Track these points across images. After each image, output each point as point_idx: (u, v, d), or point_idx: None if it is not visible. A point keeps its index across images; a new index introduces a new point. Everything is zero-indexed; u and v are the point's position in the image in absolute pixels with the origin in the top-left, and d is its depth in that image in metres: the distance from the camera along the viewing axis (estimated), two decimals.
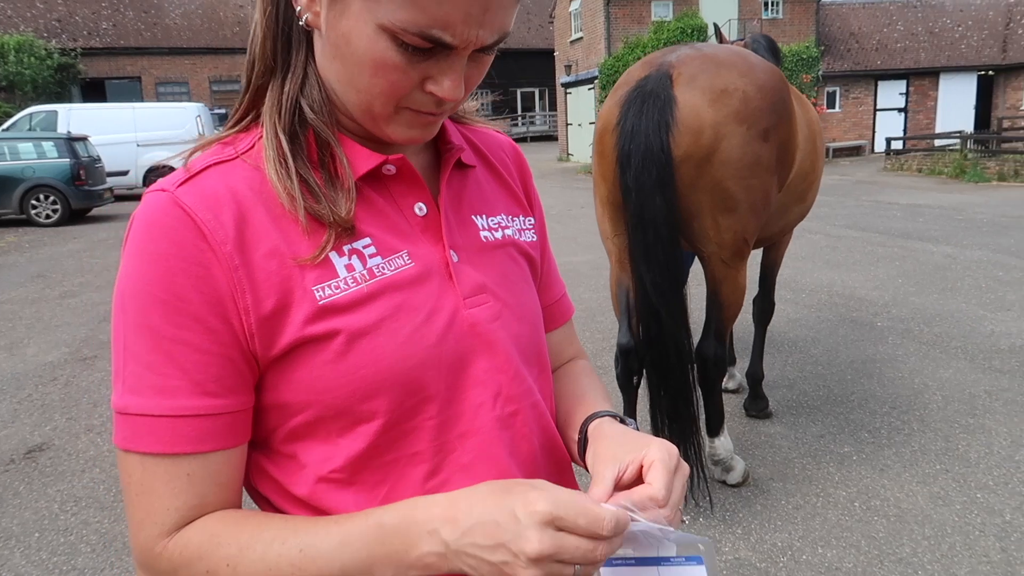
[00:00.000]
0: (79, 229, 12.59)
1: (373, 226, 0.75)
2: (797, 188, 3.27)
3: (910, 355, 4.94)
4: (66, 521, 3.22)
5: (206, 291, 0.68)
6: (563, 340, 1.02)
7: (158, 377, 0.67)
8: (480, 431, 0.77)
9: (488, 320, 0.79)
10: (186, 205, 0.69)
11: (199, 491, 0.69)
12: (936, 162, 18.51)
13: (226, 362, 0.69)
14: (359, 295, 0.72)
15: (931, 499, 3.15)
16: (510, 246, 0.87)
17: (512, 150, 0.97)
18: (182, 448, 0.68)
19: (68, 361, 5.42)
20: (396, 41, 0.65)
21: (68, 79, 25.06)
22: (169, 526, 0.69)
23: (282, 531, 0.67)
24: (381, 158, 0.76)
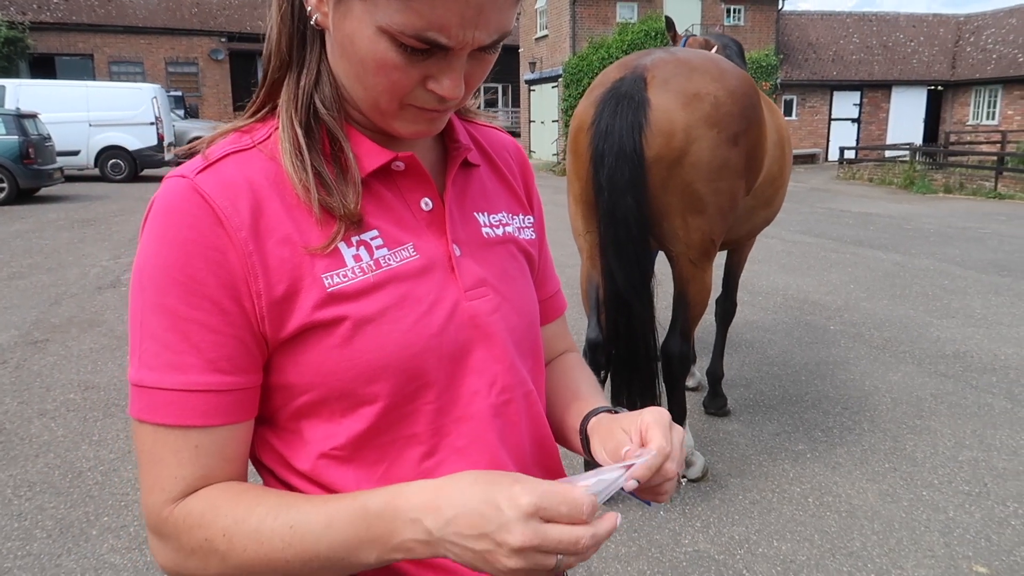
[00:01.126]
0: (27, 209, 12.20)
1: (381, 219, 0.79)
2: (764, 193, 3.36)
3: (861, 358, 5.11)
4: (20, 506, 3.15)
5: (221, 274, 0.71)
6: (556, 334, 1.07)
7: (173, 354, 0.71)
8: (475, 417, 0.81)
9: (487, 312, 0.82)
10: (204, 192, 0.72)
11: (205, 463, 0.73)
12: (887, 172, 19.09)
13: (237, 342, 0.72)
14: (366, 284, 0.75)
15: (880, 496, 3.28)
16: (510, 243, 0.91)
17: (516, 150, 1.00)
18: (191, 421, 0.72)
19: (18, 344, 5.27)
20: (395, 42, 0.68)
21: (16, 53, 24.19)
22: (175, 494, 0.72)
23: (276, 507, 0.70)
24: (391, 155, 0.79)
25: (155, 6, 27.70)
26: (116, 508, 3.14)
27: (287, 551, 0.68)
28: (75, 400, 4.29)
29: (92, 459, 3.57)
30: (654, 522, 3.06)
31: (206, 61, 27.83)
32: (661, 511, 3.14)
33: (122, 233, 9.97)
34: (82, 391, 4.43)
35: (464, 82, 0.73)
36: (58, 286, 6.99)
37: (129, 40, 26.94)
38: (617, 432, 0.81)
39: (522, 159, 1.01)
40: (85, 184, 16.09)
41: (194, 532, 0.71)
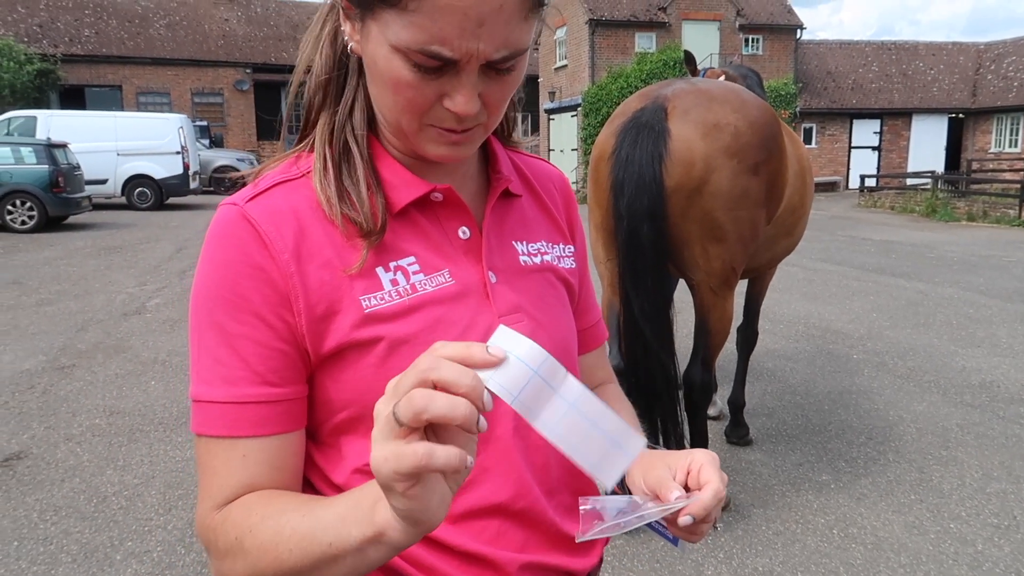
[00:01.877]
0: (56, 236, 12.43)
1: (418, 246, 0.83)
2: (785, 222, 3.37)
3: (885, 388, 5.06)
4: (46, 530, 3.18)
5: (266, 292, 0.76)
6: (595, 364, 1.08)
7: (225, 368, 0.76)
8: (500, 438, 0.83)
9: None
10: (252, 218, 0.78)
11: (252, 471, 0.76)
12: (908, 200, 18.97)
13: (283, 355, 0.77)
14: (401, 307, 0.79)
15: (906, 528, 3.23)
16: (548, 271, 0.92)
17: (560, 182, 1.03)
18: (240, 432, 0.76)
19: (46, 369, 5.36)
20: (407, 60, 0.71)
21: (47, 85, 24.81)
22: (220, 501, 0.76)
23: (292, 502, 0.73)
24: (428, 187, 0.83)
25: (182, 38, 28.34)
26: (140, 533, 3.16)
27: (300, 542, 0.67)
28: (100, 425, 4.34)
29: (117, 484, 3.61)
30: (676, 553, 3.03)
31: (231, 92, 28.36)
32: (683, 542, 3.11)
33: (148, 260, 10.13)
34: (107, 416, 4.48)
35: (483, 101, 0.75)
36: (85, 312, 7.10)
37: (156, 71, 27.54)
38: (660, 466, 0.81)
39: (566, 190, 1.04)
40: (112, 212, 16.38)
41: (229, 533, 0.74)
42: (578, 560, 0.90)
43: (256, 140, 28.48)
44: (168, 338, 6.23)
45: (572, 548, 0.89)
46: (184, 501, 3.44)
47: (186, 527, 3.21)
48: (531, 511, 0.85)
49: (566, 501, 0.91)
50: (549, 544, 0.88)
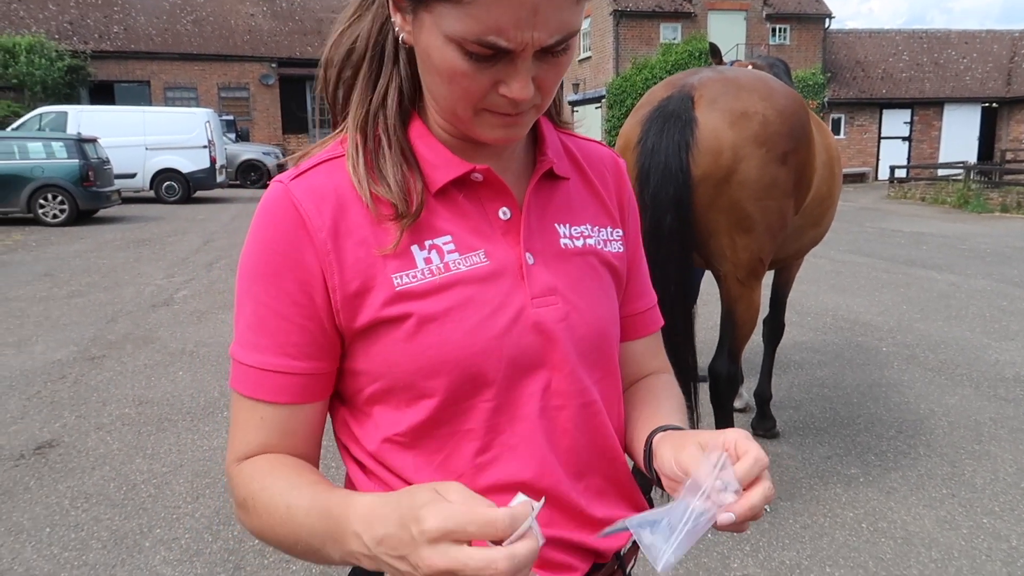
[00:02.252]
0: (86, 230, 12.63)
1: (456, 225, 0.84)
2: (813, 212, 3.32)
3: (916, 380, 4.98)
4: (77, 517, 3.23)
5: (298, 272, 0.80)
6: (646, 351, 1.04)
7: (254, 335, 0.82)
8: (527, 418, 0.84)
9: (553, 320, 0.84)
10: (295, 196, 0.81)
11: (267, 434, 0.83)
12: (939, 191, 18.64)
13: (307, 333, 0.81)
14: (432, 285, 0.80)
15: (938, 523, 3.17)
16: (590, 255, 0.91)
17: (613, 164, 1.01)
18: (260, 395, 0.82)
19: (77, 360, 5.44)
20: (461, 50, 0.71)
21: (78, 81, 25.18)
22: (240, 454, 0.84)
23: (285, 486, 0.78)
24: (468, 167, 0.83)
25: (208, 34, 28.60)
26: (168, 521, 3.20)
27: (283, 527, 0.76)
28: (130, 415, 4.41)
29: (146, 472, 3.66)
30: (702, 545, 3.01)
31: (257, 86, 28.58)
32: (709, 534, 3.08)
33: (175, 253, 10.25)
34: (136, 406, 4.54)
35: (537, 85, 0.76)
36: (114, 304, 7.21)
37: (184, 67, 27.83)
38: (691, 445, 0.77)
39: (618, 172, 1.01)
40: (141, 205, 16.60)
41: (239, 488, 0.82)
42: (605, 539, 0.89)
43: (281, 134, 28.69)
44: (195, 329, 6.30)
45: (596, 528, 0.88)
46: (211, 489, 3.48)
47: (213, 515, 3.25)
48: (554, 491, 0.85)
49: (596, 484, 0.90)
50: (575, 524, 0.87)
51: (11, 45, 22.88)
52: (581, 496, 0.88)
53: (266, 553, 2.96)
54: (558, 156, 0.91)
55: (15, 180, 12.82)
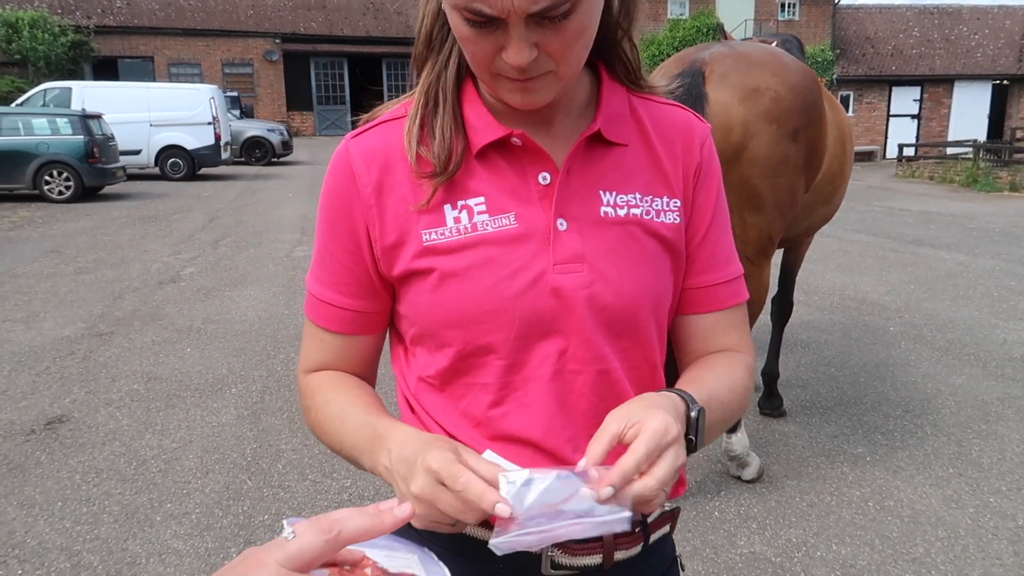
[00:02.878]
0: (92, 206, 12.62)
1: (491, 187, 0.86)
2: (824, 190, 3.29)
3: (923, 360, 4.97)
4: (88, 492, 3.26)
5: (348, 221, 0.89)
6: (714, 327, 0.97)
7: (319, 271, 0.94)
8: (540, 379, 0.87)
9: (574, 287, 0.84)
10: (351, 152, 0.90)
11: (325, 354, 0.96)
12: (948, 170, 18.49)
13: (354, 275, 0.91)
14: (457, 243, 0.85)
15: (944, 501, 3.18)
16: (633, 224, 0.88)
17: (686, 129, 0.95)
18: (319, 322, 0.95)
19: (85, 336, 5.47)
20: (462, 16, 0.74)
21: (81, 56, 25.03)
22: (307, 367, 0.98)
23: (344, 402, 0.91)
24: (505, 131, 0.86)
25: (212, 8, 28.35)
26: (179, 496, 3.23)
27: (336, 435, 0.89)
28: (139, 391, 4.43)
29: (155, 448, 3.68)
30: (709, 522, 3.02)
31: (261, 62, 28.38)
32: (716, 512, 3.10)
33: (181, 230, 10.25)
34: (145, 382, 4.57)
35: (546, 51, 0.76)
36: (121, 281, 7.22)
37: (187, 42, 27.62)
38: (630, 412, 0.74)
39: (691, 138, 0.94)
40: (146, 182, 16.57)
41: (306, 397, 0.96)
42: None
43: (286, 110, 28.54)
44: (203, 306, 6.31)
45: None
46: (220, 465, 3.50)
47: (223, 490, 3.27)
48: (558, 454, 0.87)
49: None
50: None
51: (14, 20, 22.74)
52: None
53: (275, 528, 2.98)
54: (616, 121, 0.89)
55: (20, 156, 12.79)
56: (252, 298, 6.58)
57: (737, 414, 0.94)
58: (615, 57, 0.92)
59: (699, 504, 3.16)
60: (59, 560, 2.77)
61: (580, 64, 0.81)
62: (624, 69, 0.93)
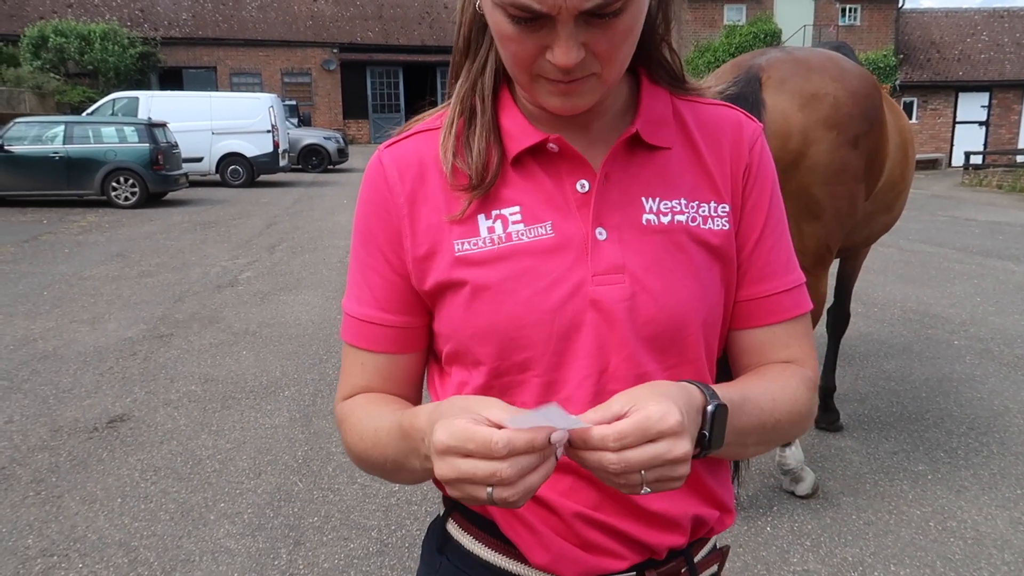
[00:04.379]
0: (155, 212, 13.05)
1: (527, 196, 0.83)
2: (885, 198, 3.20)
3: (989, 376, 4.78)
4: (146, 489, 3.35)
5: (387, 230, 0.87)
6: (771, 341, 0.90)
7: (358, 289, 0.90)
8: (580, 400, 0.81)
9: (615, 300, 0.80)
10: (385, 163, 0.88)
11: (367, 377, 0.91)
12: (1018, 179, 17.80)
13: (396, 288, 0.88)
14: (491, 254, 0.81)
15: (1011, 524, 3.04)
16: (679, 232, 0.84)
17: (735, 130, 0.89)
18: (360, 343, 0.90)
19: (147, 337, 5.64)
20: (506, 14, 0.72)
21: (148, 67, 25.94)
22: (345, 394, 0.92)
23: (378, 415, 0.85)
24: (541, 136, 0.83)
25: (272, 20, 29.09)
26: (232, 495, 3.29)
27: (375, 451, 0.83)
28: (196, 392, 4.54)
29: (211, 448, 3.77)
30: (760, 538, 2.95)
31: (319, 71, 28.99)
32: (768, 527, 3.03)
33: (240, 235, 10.51)
34: (202, 383, 4.68)
35: (592, 51, 0.73)
36: (182, 284, 7.43)
37: (248, 53, 28.39)
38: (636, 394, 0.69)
39: (740, 139, 0.89)
40: (207, 189, 17.04)
41: (344, 422, 0.90)
42: (654, 535, 0.85)
43: (342, 119, 29.07)
44: (259, 310, 6.45)
45: (649, 521, 0.84)
46: (272, 467, 3.57)
47: (275, 491, 3.33)
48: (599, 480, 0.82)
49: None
50: (625, 513, 0.84)
51: (86, 32, 23.69)
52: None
53: (325, 530, 3.02)
54: (657, 124, 0.85)
55: (90, 163, 13.29)
56: (306, 302, 6.69)
57: (786, 427, 0.86)
58: (655, 62, 0.87)
59: (751, 519, 3.09)
60: (117, 555, 2.85)
61: (624, 67, 0.78)
62: (665, 72, 0.88)
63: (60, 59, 23.27)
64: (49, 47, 22.92)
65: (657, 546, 0.85)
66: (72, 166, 13.24)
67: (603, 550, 0.84)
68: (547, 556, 0.83)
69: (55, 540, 2.95)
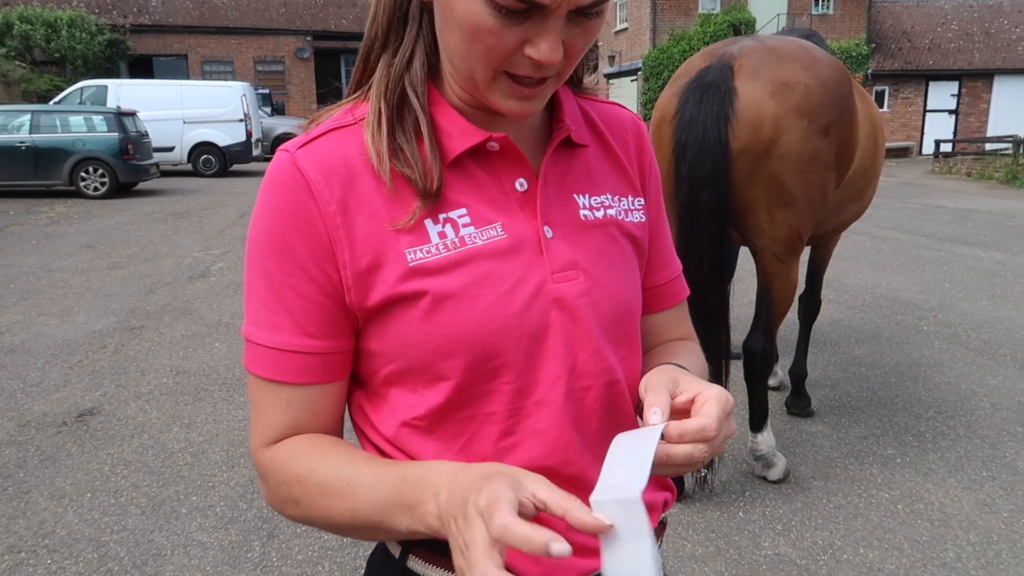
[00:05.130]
0: (126, 202, 12.84)
1: (471, 198, 0.79)
2: (855, 186, 3.23)
3: (957, 360, 4.86)
4: (117, 483, 3.31)
5: (311, 244, 0.76)
6: (670, 322, 1.00)
7: (270, 314, 0.78)
8: (554, 401, 0.80)
9: (575, 296, 0.80)
10: (301, 166, 0.76)
11: (295, 415, 0.79)
12: (987, 167, 18.09)
13: (324, 309, 0.77)
14: (448, 261, 0.76)
15: (977, 505, 3.10)
16: (611, 226, 0.87)
17: (634, 128, 0.95)
18: (283, 377, 0.78)
19: (116, 330, 5.56)
20: (491, 4, 0.67)
21: (117, 55, 25.46)
22: (269, 438, 0.80)
23: (339, 462, 0.75)
24: (485, 135, 0.79)
25: (245, 7, 28.66)
26: (204, 488, 3.26)
27: (340, 504, 0.73)
28: (168, 384, 4.49)
29: (183, 441, 3.73)
30: (733, 523, 2.98)
31: (292, 59, 28.63)
32: (740, 512, 3.06)
33: (212, 226, 10.39)
34: (174, 376, 4.63)
35: (565, 50, 0.71)
36: (153, 275, 7.33)
37: (221, 40, 27.95)
38: (666, 377, 0.76)
39: (639, 136, 0.95)
40: (179, 179, 16.81)
41: (277, 474, 0.78)
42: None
43: (316, 107, 28.60)
44: (232, 301, 6.38)
45: None
46: (246, 459, 3.54)
47: (248, 483, 3.30)
48: (581, 477, 0.81)
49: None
50: None
51: (53, 19, 23.19)
52: None
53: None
54: (576, 123, 0.87)
55: (58, 153, 13.05)
56: None
57: None
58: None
59: (723, 504, 3.12)
60: (87, 550, 2.81)
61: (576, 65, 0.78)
62: (574, 72, 0.90)
63: (26, 46, 22.77)
64: (14, 34, 22.40)
65: None
66: (39, 156, 12.99)
67: (588, 550, 0.83)
68: (540, 569, 0.81)
69: (23, 536, 2.90)
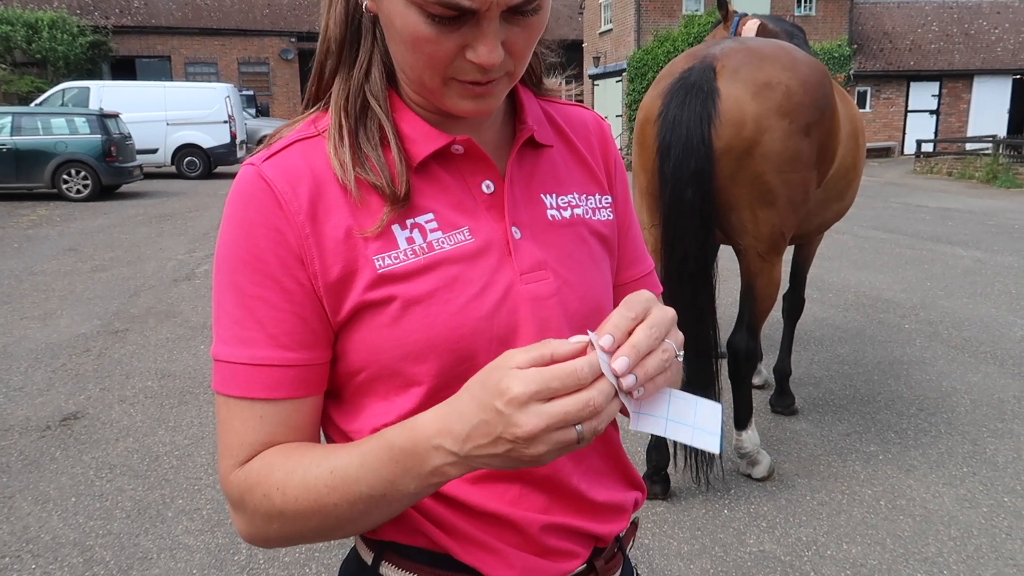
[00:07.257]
0: (109, 205, 12.75)
1: (437, 202, 0.80)
2: (837, 185, 3.26)
3: (938, 358, 4.92)
4: (101, 487, 3.29)
5: (281, 254, 0.74)
6: None
7: (241, 329, 0.75)
8: None
9: (544, 296, 0.81)
10: (268, 177, 0.76)
11: (270, 431, 0.76)
12: (967, 166, 18.28)
13: (298, 320, 0.75)
14: (416, 266, 0.76)
15: (957, 501, 3.14)
16: (579, 225, 0.87)
17: (597, 127, 0.97)
18: (256, 393, 0.75)
19: (100, 333, 5.52)
20: (424, 13, 0.67)
21: (100, 56, 25.26)
22: (241, 458, 0.76)
23: (318, 456, 0.73)
24: (448, 139, 0.79)
25: (228, 8, 28.52)
26: (190, 491, 3.25)
27: (332, 495, 0.70)
28: (152, 387, 4.47)
29: (168, 444, 3.71)
30: (718, 520, 3.01)
31: (276, 61, 28.52)
32: (725, 510, 3.08)
33: (197, 228, 10.33)
34: (159, 379, 4.60)
35: (508, 49, 0.71)
36: (137, 278, 7.28)
37: (204, 41, 27.80)
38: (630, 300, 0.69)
39: (603, 135, 0.96)
40: (163, 181, 16.72)
41: (255, 490, 0.74)
42: (604, 525, 0.88)
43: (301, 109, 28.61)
44: None
45: (597, 513, 0.86)
46: None
47: None
48: (555, 477, 0.82)
49: (595, 465, 0.88)
50: (573, 509, 0.85)
51: (34, 20, 22.98)
52: (582, 480, 0.85)
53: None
54: (539, 123, 0.87)
55: (39, 155, 12.95)
56: None
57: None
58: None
59: (708, 502, 3.15)
60: (72, 555, 2.80)
61: (527, 64, 0.78)
62: (529, 74, 0.91)
63: (6, 48, 22.57)
64: None
65: (607, 535, 0.88)
66: (21, 158, 12.88)
67: (562, 552, 0.84)
68: (513, 572, 0.81)
69: (7, 541, 2.88)
